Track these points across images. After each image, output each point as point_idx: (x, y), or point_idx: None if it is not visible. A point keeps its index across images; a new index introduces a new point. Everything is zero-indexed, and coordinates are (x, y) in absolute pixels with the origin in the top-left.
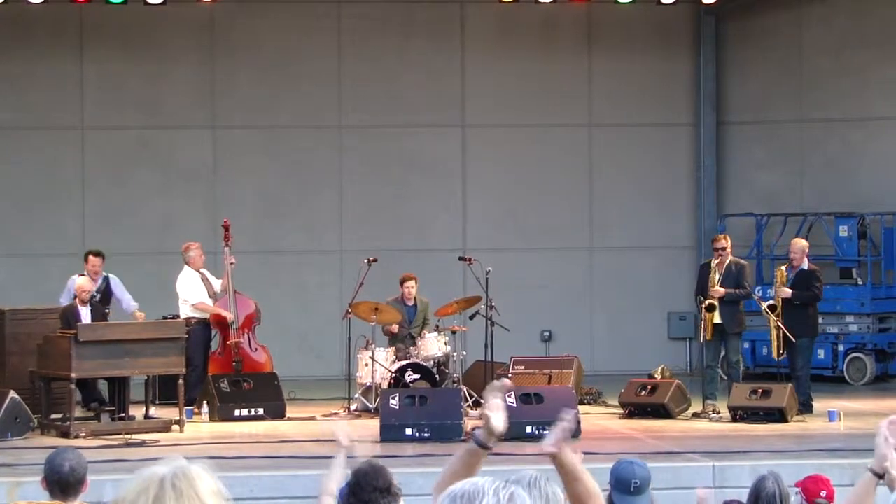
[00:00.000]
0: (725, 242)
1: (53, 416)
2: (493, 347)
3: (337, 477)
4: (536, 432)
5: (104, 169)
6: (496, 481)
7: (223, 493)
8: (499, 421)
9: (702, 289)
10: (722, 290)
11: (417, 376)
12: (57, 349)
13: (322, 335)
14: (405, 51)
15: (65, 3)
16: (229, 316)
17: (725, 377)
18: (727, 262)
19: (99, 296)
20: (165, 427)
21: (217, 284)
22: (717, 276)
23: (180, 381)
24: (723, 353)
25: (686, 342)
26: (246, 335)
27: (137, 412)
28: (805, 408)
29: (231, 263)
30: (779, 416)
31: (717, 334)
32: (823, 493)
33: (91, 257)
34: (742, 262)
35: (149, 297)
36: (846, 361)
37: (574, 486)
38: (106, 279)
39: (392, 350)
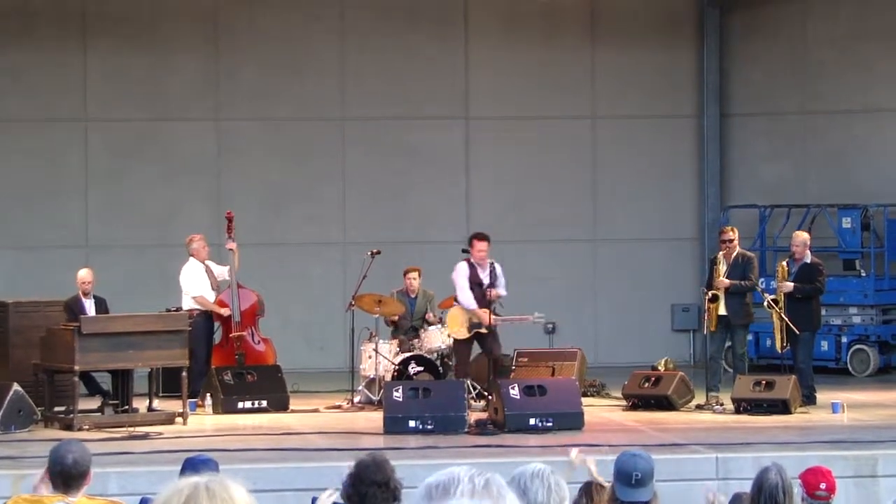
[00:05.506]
0: (733, 234)
1: (57, 409)
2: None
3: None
4: (540, 424)
5: (108, 161)
6: (472, 469)
7: None
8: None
9: (708, 281)
10: (727, 282)
11: (421, 368)
12: (60, 341)
13: (325, 327)
14: (408, 42)
15: None
16: (224, 312)
17: (730, 369)
18: (734, 253)
19: (488, 282)
20: (169, 419)
21: (224, 272)
22: (723, 268)
23: (184, 374)
24: (728, 345)
25: (690, 334)
26: (249, 328)
27: (141, 405)
28: (808, 399)
29: (230, 249)
30: (782, 407)
31: (722, 326)
32: (823, 486)
33: (475, 241)
34: (749, 254)
35: (152, 289)
36: (849, 353)
37: None
38: (492, 265)
39: (395, 342)
